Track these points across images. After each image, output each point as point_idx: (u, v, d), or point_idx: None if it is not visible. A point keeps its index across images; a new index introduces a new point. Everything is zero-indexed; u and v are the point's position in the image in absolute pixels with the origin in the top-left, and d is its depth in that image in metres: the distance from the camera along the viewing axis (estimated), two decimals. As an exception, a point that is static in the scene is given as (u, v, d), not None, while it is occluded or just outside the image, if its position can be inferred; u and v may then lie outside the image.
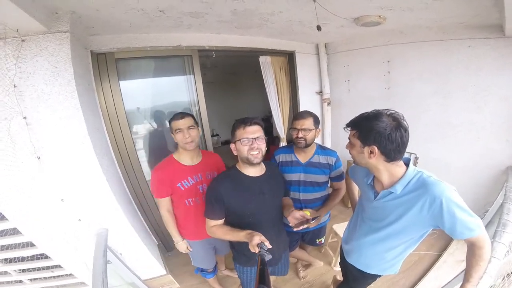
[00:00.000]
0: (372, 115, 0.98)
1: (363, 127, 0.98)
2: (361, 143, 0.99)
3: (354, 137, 1.03)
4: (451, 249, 2.26)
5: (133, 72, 2.16)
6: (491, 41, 2.05)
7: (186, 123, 1.44)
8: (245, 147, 1.16)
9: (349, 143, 1.09)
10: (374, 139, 0.94)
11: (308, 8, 1.74)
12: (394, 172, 1.02)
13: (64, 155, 1.44)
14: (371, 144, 0.96)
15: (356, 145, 1.02)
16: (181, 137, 1.44)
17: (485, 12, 1.73)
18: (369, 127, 0.95)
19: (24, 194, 1.40)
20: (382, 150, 0.95)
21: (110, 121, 2.01)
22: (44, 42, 1.32)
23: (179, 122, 1.43)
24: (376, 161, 0.99)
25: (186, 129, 1.43)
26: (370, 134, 0.95)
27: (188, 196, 1.54)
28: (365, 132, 0.97)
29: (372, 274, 1.29)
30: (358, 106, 3.05)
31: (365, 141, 0.98)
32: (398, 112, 0.98)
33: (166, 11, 1.59)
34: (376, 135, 0.94)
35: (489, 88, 2.14)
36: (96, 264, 1.39)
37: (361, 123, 1.00)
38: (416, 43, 2.44)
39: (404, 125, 0.95)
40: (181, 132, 1.43)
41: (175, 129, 1.45)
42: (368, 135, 0.96)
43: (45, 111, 1.36)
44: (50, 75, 1.34)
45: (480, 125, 2.26)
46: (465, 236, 0.89)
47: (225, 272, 2.26)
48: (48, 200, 1.46)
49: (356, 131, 1.02)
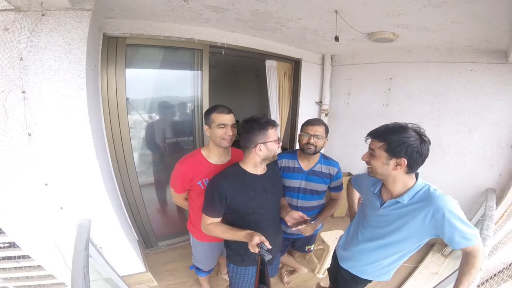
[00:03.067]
0: (399, 127, 1.00)
1: (392, 140, 0.98)
2: (388, 155, 0.99)
3: (380, 149, 1.01)
4: (426, 262, 2.38)
5: (140, 60, 2.09)
6: (493, 66, 2.17)
7: (232, 120, 1.35)
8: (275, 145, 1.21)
9: (370, 154, 1.07)
10: (405, 152, 0.96)
11: (327, 19, 1.78)
12: (407, 183, 1.05)
13: (58, 134, 1.37)
14: (401, 157, 0.97)
15: (381, 157, 1.02)
16: (222, 132, 1.32)
17: (497, 37, 1.83)
18: (400, 140, 0.96)
19: (6, 172, 1.29)
20: (410, 163, 0.97)
21: (109, 107, 1.93)
22: (64, 18, 1.30)
23: (226, 116, 1.32)
24: (397, 172, 1.02)
25: (230, 126, 1.33)
26: (401, 147, 0.96)
27: None
28: (395, 145, 0.97)
29: (364, 280, 1.33)
30: (356, 120, 3.21)
31: (394, 153, 0.98)
32: (417, 124, 1.01)
33: (190, 2, 1.57)
34: (408, 148, 0.95)
35: (482, 112, 2.28)
36: (77, 258, 1.27)
37: (389, 136, 0.99)
38: (421, 63, 2.54)
39: (428, 138, 0.99)
40: (225, 128, 1.32)
41: (218, 123, 1.31)
42: (398, 148, 0.96)
43: (47, 87, 1.31)
44: (61, 51, 1.30)
45: (468, 149, 2.41)
46: (462, 246, 0.94)
47: (225, 276, 2.19)
48: (31, 182, 1.36)
49: (383, 143, 1.00)
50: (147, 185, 2.44)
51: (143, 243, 2.46)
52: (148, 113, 2.33)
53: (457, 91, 2.39)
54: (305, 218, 1.23)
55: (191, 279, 2.18)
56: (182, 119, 2.53)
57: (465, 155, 2.43)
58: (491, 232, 1.65)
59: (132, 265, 1.98)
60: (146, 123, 2.35)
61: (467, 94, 2.34)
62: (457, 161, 2.48)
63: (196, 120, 2.41)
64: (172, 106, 2.44)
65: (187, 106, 2.47)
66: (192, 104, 2.41)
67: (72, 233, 1.44)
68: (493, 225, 1.75)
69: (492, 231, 1.68)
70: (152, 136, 2.45)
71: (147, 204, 2.36)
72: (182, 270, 2.27)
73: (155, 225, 2.49)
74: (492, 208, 1.95)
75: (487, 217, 1.82)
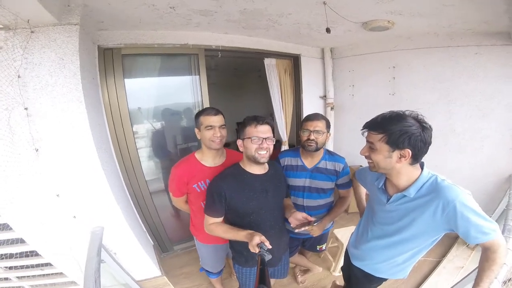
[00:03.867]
0: (397, 116, 0.93)
1: (393, 131, 0.90)
2: (390, 147, 0.92)
3: (381, 142, 0.93)
4: (450, 256, 2.24)
5: (138, 69, 2.14)
6: (498, 48, 2.06)
7: (220, 121, 1.34)
8: (254, 146, 1.14)
9: (369, 148, 0.99)
10: (408, 143, 0.88)
11: (317, 11, 1.74)
12: (412, 175, 0.98)
13: (63, 148, 1.41)
14: (405, 148, 0.90)
15: (382, 150, 0.94)
16: (210, 134, 1.32)
17: (495, 19, 1.74)
18: (401, 130, 0.89)
19: (18, 187, 1.35)
20: (415, 153, 0.90)
21: (113, 117, 1.99)
22: (53, 34, 1.32)
23: (212, 118, 1.32)
24: (402, 165, 0.95)
25: (218, 127, 1.33)
26: (403, 137, 0.88)
27: (204, 198, 1.44)
28: (397, 136, 0.89)
29: (379, 278, 1.26)
30: (362, 112, 3.11)
31: (397, 145, 0.90)
32: (414, 111, 0.94)
33: (176, 8, 1.59)
34: (411, 138, 0.88)
35: (495, 95, 2.15)
36: (89, 263, 1.33)
37: (389, 126, 0.91)
38: (423, 49, 2.45)
39: (428, 124, 0.92)
40: (212, 129, 1.32)
41: (205, 125, 1.32)
42: (401, 139, 0.89)
43: (47, 103, 1.34)
44: (56, 66, 1.33)
45: (484, 133, 2.26)
46: (479, 241, 0.87)
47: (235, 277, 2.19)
48: (43, 194, 1.42)
49: (383, 135, 0.92)
50: (158, 192, 2.48)
51: (158, 248, 2.51)
52: (153, 121, 2.38)
53: (464, 75, 2.28)
54: (309, 220, 1.19)
55: (205, 282, 2.20)
56: (186, 124, 2.57)
57: (483, 140, 2.28)
58: (517, 223, 1.47)
59: (147, 269, 2.01)
60: (152, 131, 2.40)
61: (476, 78, 2.22)
62: (473, 146, 2.34)
63: (200, 124, 2.44)
64: (175, 113, 2.48)
65: (191, 111, 2.49)
66: (194, 109, 2.43)
67: (86, 240, 1.49)
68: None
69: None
70: (159, 143, 2.49)
71: (160, 209, 2.41)
72: (197, 273, 2.30)
73: (168, 230, 2.53)
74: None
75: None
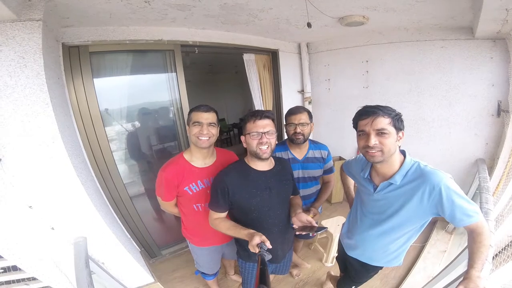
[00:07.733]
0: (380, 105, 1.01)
1: (394, 114, 0.99)
2: (396, 130, 0.98)
3: (390, 125, 0.97)
4: (432, 241, 2.37)
5: (109, 67, 1.99)
6: (461, 42, 2.22)
7: (209, 118, 1.26)
8: (254, 141, 1.13)
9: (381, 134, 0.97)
10: (402, 123, 1.00)
11: (297, 6, 1.74)
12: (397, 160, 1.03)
13: (31, 155, 1.27)
14: (402, 129, 1.00)
15: (392, 133, 0.97)
16: (196, 130, 1.24)
17: (461, 14, 1.86)
18: (396, 113, 0.99)
19: None
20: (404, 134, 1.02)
21: (82, 119, 1.82)
22: (11, 31, 1.18)
23: (201, 114, 1.25)
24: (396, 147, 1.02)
25: (206, 124, 1.25)
26: (400, 118, 1.00)
27: (197, 201, 1.39)
28: (397, 118, 0.99)
29: (375, 266, 1.30)
30: (339, 104, 3.22)
31: (399, 127, 0.99)
32: None
33: (151, 2, 1.49)
34: (403, 120, 1.01)
35: (459, 86, 2.33)
36: (80, 275, 1.24)
37: (389, 111, 0.99)
38: (394, 44, 2.58)
39: None
40: (199, 126, 1.24)
41: (193, 121, 1.25)
42: (400, 120, 0.99)
43: (7, 107, 1.20)
44: (15, 66, 1.19)
45: (451, 120, 2.44)
46: (464, 223, 0.91)
47: (233, 277, 2.17)
48: (13, 207, 1.27)
49: (390, 119, 0.97)
50: (139, 195, 2.37)
51: (146, 254, 2.40)
52: (127, 122, 2.23)
53: (431, 67, 2.44)
54: (313, 225, 1.15)
55: (200, 284, 2.16)
56: (164, 124, 2.46)
57: (450, 126, 2.47)
58: (491, 205, 1.54)
59: (139, 277, 1.92)
60: (127, 132, 2.25)
61: (442, 70, 2.39)
62: (442, 133, 2.52)
63: (178, 123, 2.34)
64: (152, 112, 2.36)
65: (168, 110, 2.39)
66: (172, 108, 2.33)
67: (69, 252, 1.40)
68: (491, 197, 1.64)
69: (492, 203, 1.56)
70: (136, 145, 2.36)
71: (142, 214, 2.30)
72: (191, 276, 2.24)
73: (154, 234, 2.43)
74: (486, 180, 1.87)
75: (483, 189, 1.73)
